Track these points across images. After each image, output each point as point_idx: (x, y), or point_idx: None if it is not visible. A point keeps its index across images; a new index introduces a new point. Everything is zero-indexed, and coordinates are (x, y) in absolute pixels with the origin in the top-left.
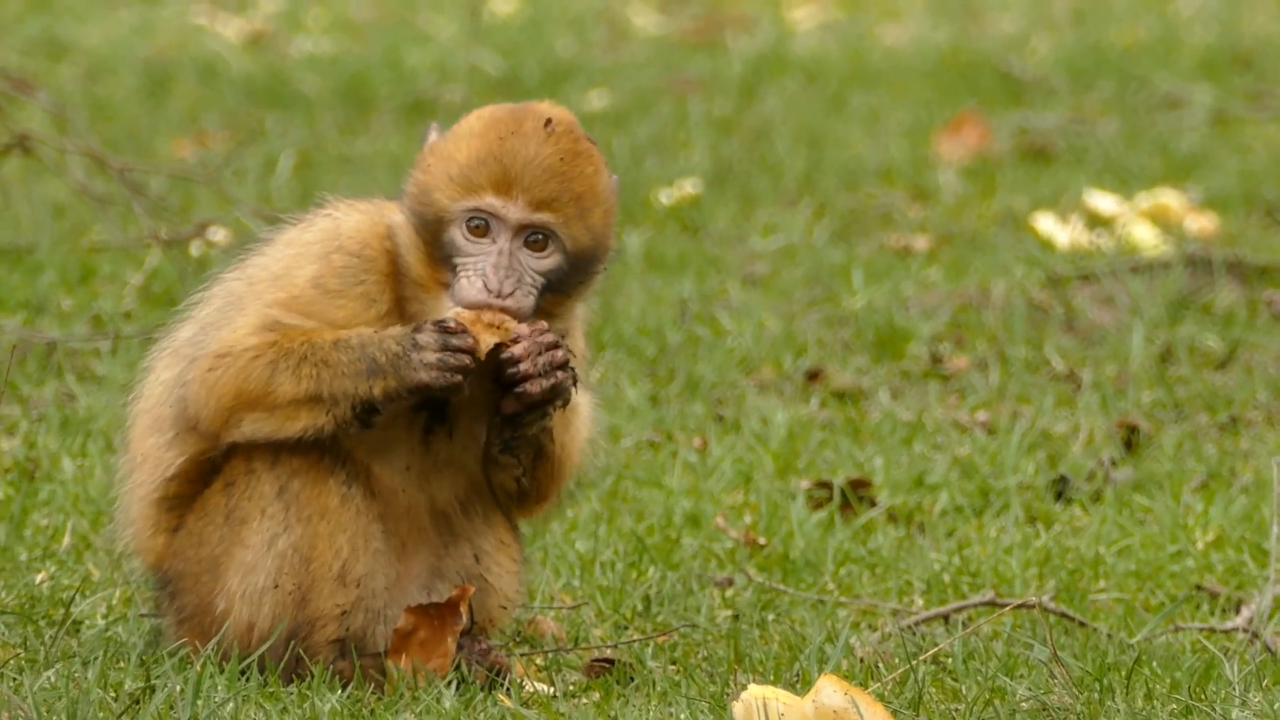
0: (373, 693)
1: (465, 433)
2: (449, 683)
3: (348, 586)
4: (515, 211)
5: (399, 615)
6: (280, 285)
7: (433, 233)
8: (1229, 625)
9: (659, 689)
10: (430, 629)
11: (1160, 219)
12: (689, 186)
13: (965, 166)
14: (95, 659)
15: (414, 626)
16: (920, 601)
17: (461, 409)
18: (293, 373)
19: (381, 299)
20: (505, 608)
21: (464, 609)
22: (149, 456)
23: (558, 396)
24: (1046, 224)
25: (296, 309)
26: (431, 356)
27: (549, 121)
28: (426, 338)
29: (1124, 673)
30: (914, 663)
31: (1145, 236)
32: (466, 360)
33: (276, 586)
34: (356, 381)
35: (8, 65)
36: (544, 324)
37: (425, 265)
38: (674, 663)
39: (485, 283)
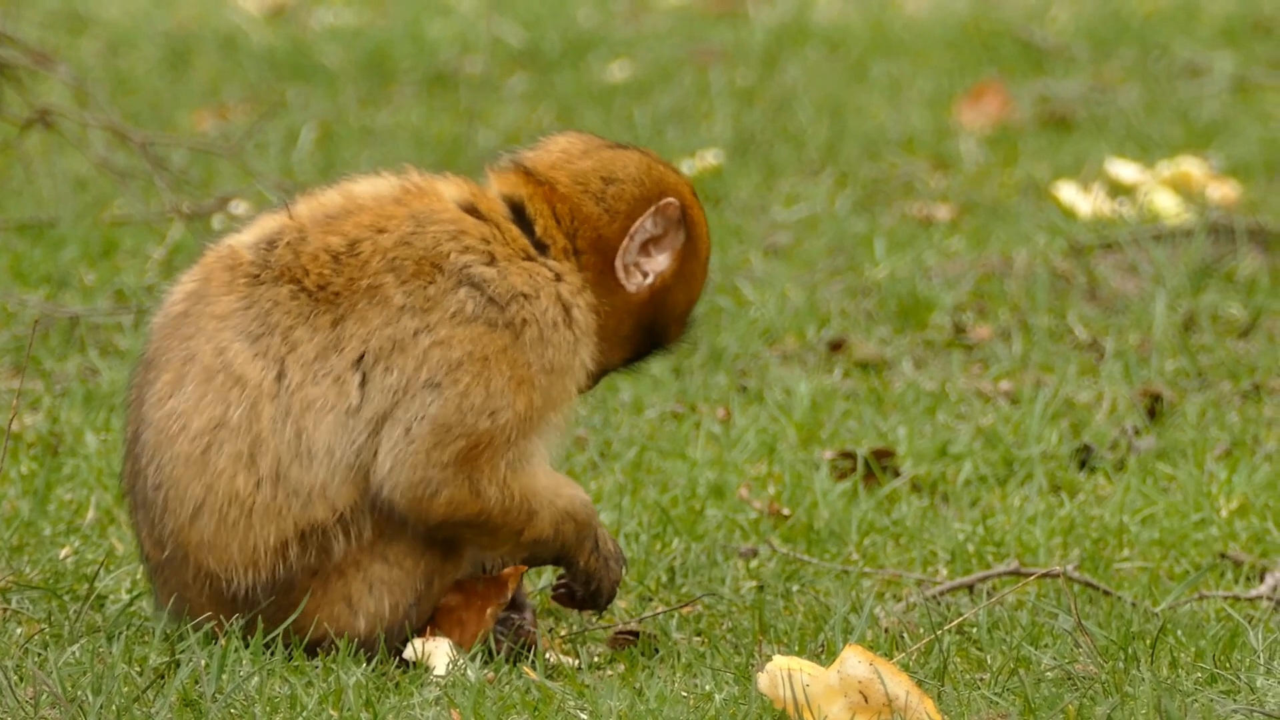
0: (397, 667)
1: None
2: (474, 655)
3: (446, 590)
4: None
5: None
6: (524, 392)
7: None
8: (1253, 593)
9: (684, 660)
10: (470, 604)
11: (1182, 187)
12: (711, 157)
13: (986, 135)
14: (120, 634)
15: (457, 604)
16: (944, 571)
17: None
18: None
19: (589, 364)
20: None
21: (512, 587)
22: (265, 508)
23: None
24: (1068, 193)
25: (544, 407)
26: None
27: None
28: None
29: (1149, 641)
30: (939, 633)
31: (1167, 204)
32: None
33: (403, 600)
34: (579, 549)
35: (28, 39)
36: None
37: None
38: (699, 634)
39: None
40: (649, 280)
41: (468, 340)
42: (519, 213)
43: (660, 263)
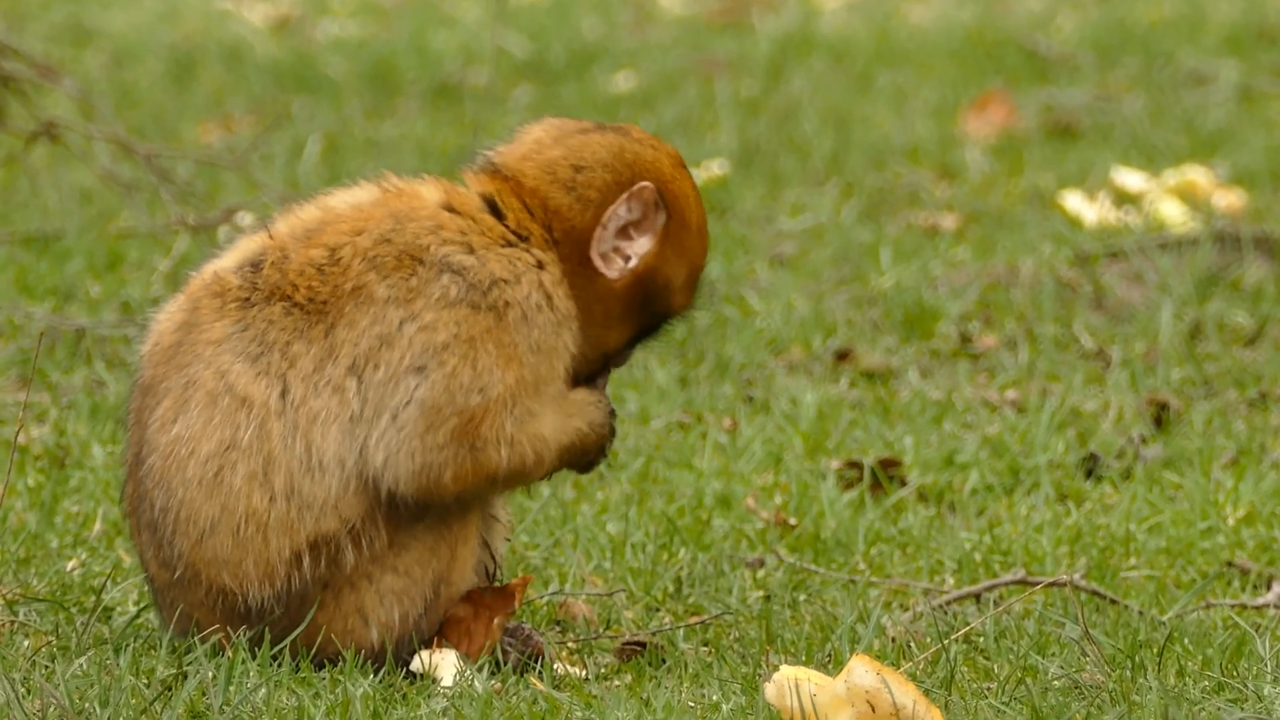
0: (405, 678)
1: None
2: (481, 667)
3: (454, 600)
4: None
5: None
6: (510, 361)
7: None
8: (1260, 601)
9: (691, 671)
10: (478, 615)
11: (1188, 195)
12: (716, 167)
13: (992, 145)
14: (127, 646)
15: (466, 615)
16: (951, 581)
17: None
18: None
19: (572, 347)
20: (509, 540)
21: (519, 598)
22: (280, 522)
23: None
24: (1074, 201)
25: (534, 383)
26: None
27: None
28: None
29: (1155, 650)
30: (945, 642)
31: (1173, 213)
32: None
33: (412, 610)
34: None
35: (33, 52)
36: None
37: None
38: (706, 644)
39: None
40: (631, 264)
41: (452, 322)
42: (493, 207)
43: (642, 246)
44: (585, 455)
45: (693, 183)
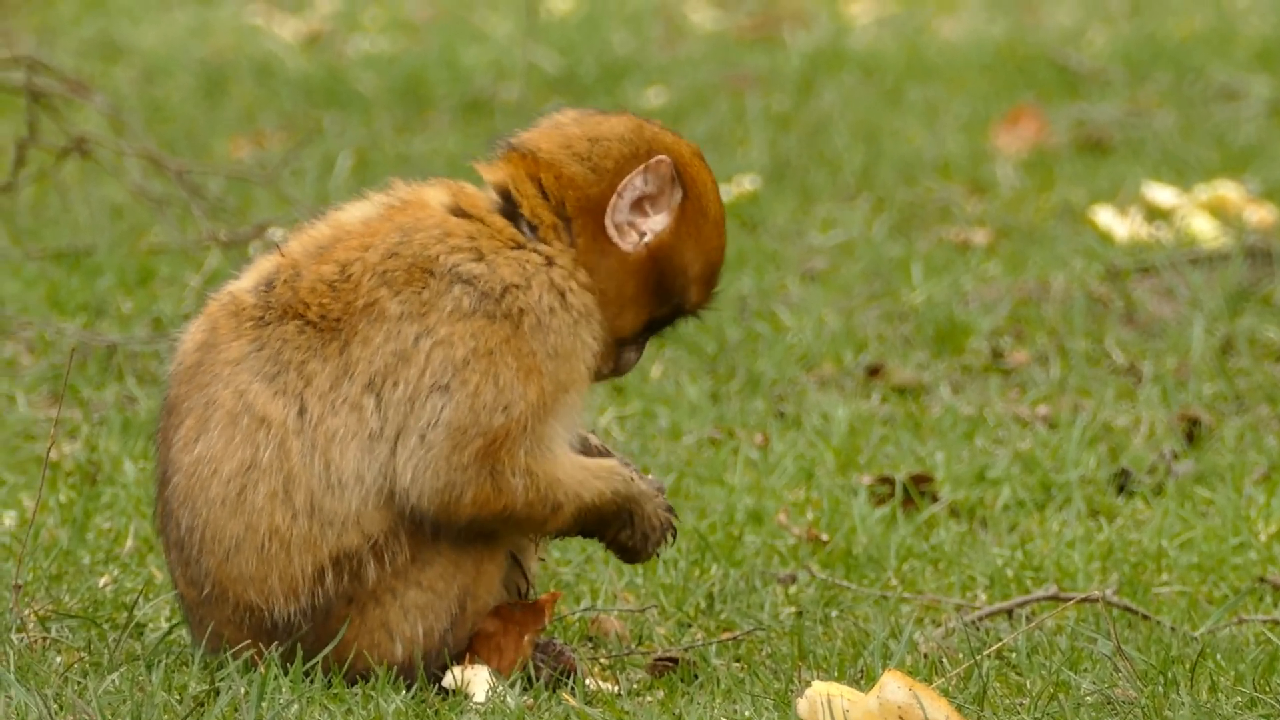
0: (437, 694)
1: None
2: (513, 682)
3: (482, 615)
4: None
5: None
6: (530, 379)
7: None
8: None
9: (723, 687)
10: (508, 630)
11: (1219, 211)
12: (747, 183)
13: (1023, 160)
14: (159, 662)
15: (496, 630)
16: (983, 596)
17: None
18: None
19: (594, 342)
20: (543, 559)
21: (549, 614)
22: (302, 539)
23: None
24: (1105, 217)
25: (555, 392)
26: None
27: None
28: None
29: (1188, 665)
30: (978, 658)
31: (1204, 228)
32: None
33: (437, 625)
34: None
35: (64, 68)
36: None
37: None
38: (738, 660)
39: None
40: (646, 239)
41: (469, 335)
42: (507, 198)
43: (658, 222)
44: (609, 525)
45: (713, 178)
